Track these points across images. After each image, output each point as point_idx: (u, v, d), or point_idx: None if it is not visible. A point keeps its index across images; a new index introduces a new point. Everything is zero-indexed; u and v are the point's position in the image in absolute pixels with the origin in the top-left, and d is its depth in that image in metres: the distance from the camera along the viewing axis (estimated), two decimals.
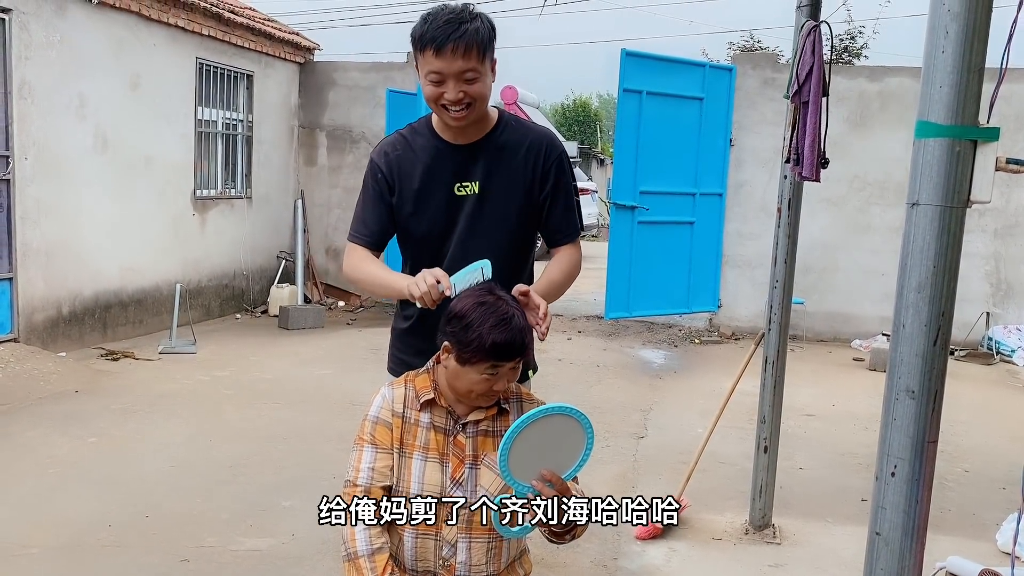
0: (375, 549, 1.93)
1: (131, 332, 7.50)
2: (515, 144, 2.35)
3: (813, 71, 3.22)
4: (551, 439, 1.82)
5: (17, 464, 4.42)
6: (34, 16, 6.21)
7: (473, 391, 1.96)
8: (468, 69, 2.15)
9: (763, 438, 3.92)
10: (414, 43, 2.20)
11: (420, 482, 1.99)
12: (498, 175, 2.33)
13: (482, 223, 2.33)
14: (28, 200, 6.29)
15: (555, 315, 9.63)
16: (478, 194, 2.32)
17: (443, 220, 2.34)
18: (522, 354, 1.94)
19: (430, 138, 2.35)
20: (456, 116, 2.21)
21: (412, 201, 2.35)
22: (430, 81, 2.19)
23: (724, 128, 8.48)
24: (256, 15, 9.38)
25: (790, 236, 3.75)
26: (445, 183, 2.33)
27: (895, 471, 1.59)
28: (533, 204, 2.38)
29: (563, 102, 36.71)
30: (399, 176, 2.35)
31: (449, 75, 2.15)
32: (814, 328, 8.66)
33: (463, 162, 2.32)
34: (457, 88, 2.16)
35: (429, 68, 2.17)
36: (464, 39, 2.12)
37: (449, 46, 2.11)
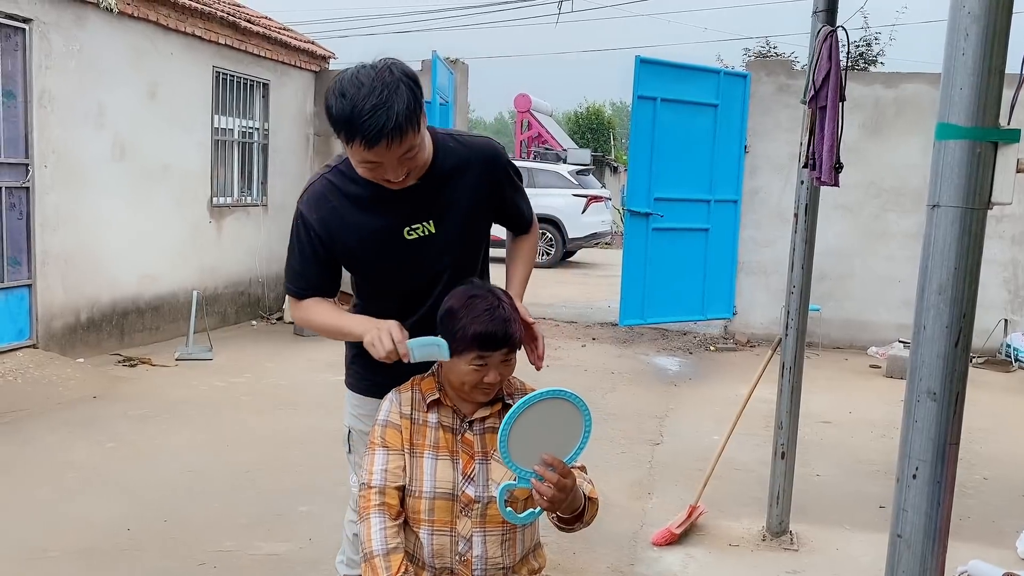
0: (390, 549, 1.96)
1: (148, 339, 7.54)
2: (461, 167, 2.16)
3: (830, 76, 3.22)
4: (550, 424, 1.85)
5: (36, 469, 4.45)
6: (54, 26, 6.28)
7: (465, 383, 2.01)
8: (407, 150, 1.94)
9: (780, 444, 3.90)
10: (333, 124, 1.92)
11: (432, 479, 2.02)
12: (452, 203, 2.17)
13: (450, 257, 2.22)
14: (47, 207, 6.35)
15: (569, 322, 9.64)
16: (435, 232, 2.16)
17: (398, 265, 2.19)
18: (508, 344, 1.97)
19: (364, 185, 2.08)
20: (398, 186, 2.04)
21: (356, 253, 2.18)
22: (364, 167, 1.98)
23: (739, 134, 8.48)
24: (272, 24, 9.45)
25: (807, 241, 3.74)
26: (392, 231, 2.14)
27: (916, 473, 1.59)
28: (491, 214, 2.31)
29: (576, 110, 36.76)
30: (334, 233, 2.14)
31: (389, 162, 1.94)
32: (830, 335, 8.62)
33: (410, 204, 2.11)
34: (399, 170, 1.98)
35: (361, 158, 1.95)
36: (398, 129, 1.86)
37: (383, 142, 1.87)
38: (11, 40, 5.98)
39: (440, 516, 2.02)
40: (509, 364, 2.02)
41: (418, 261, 2.19)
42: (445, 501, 2.02)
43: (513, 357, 2.03)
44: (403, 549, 1.98)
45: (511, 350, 2.00)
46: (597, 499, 2.04)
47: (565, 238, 15.46)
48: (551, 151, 20.97)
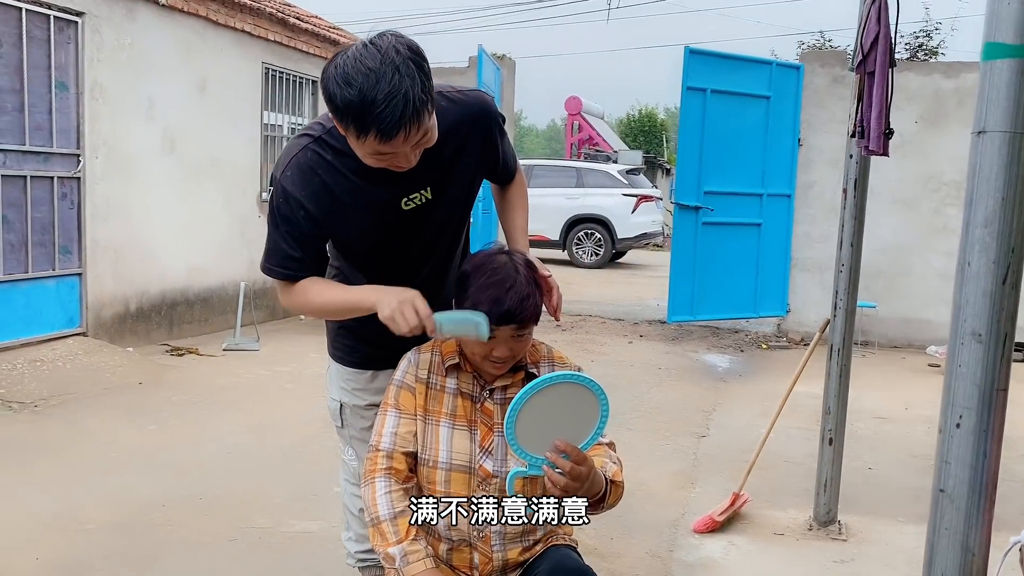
0: (397, 512, 1.87)
1: (196, 330, 7.63)
2: (455, 125, 1.99)
3: (879, 40, 3.08)
4: (563, 408, 1.69)
5: (78, 447, 4.51)
6: (106, 20, 6.40)
7: (475, 353, 1.90)
8: (423, 135, 1.77)
9: (828, 430, 3.75)
10: (341, 117, 1.71)
11: (448, 450, 1.93)
12: (451, 171, 2.03)
13: (442, 222, 2.11)
14: (98, 198, 6.46)
15: (616, 320, 9.50)
16: (431, 199, 2.02)
17: (394, 237, 2.05)
18: (518, 320, 1.84)
19: (356, 157, 1.86)
20: (406, 168, 1.86)
21: (350, 228, 2.01)
22: (377, 159, 1.80)
23: (792, 127, 8.27)
24: (322, 23, 9.53)
25: (856, 218, 3.59)
26: (389, 204, 1.99)
27: (960, 422, 1.47)
28: (483, 172, 2.19)
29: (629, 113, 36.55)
30: (326, 210, 1.95)
31: (403, 152, 1.77)
32: (887, 334, 8.35)
33: (407, 176, 1.92)
34: (412, 156, 1.81)
35: (375, 150, 1.75)
36: (416, 116, 1.68)
37: (401, 133, 1.69)
38: (64, 33, 6.11)
39: (456, 489, 1.93)
40: (522, 339, 1.89)
41: (415, 231, 2.06)
42: (461, 474, 1.93)
43: (527, 332, 1.90)
44: (410, 512, 1.90)
45: (522, 325, 1.86)
46: (622, 482, 1.89)
47: (614, 238, 15.29)
48: (601, 153, 20.84)
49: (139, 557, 3.27)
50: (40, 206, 6.01)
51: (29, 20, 5.80)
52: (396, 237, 2.05)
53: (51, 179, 6.08)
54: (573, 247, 15.48)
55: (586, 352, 7.80)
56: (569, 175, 15.87)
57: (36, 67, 5.89)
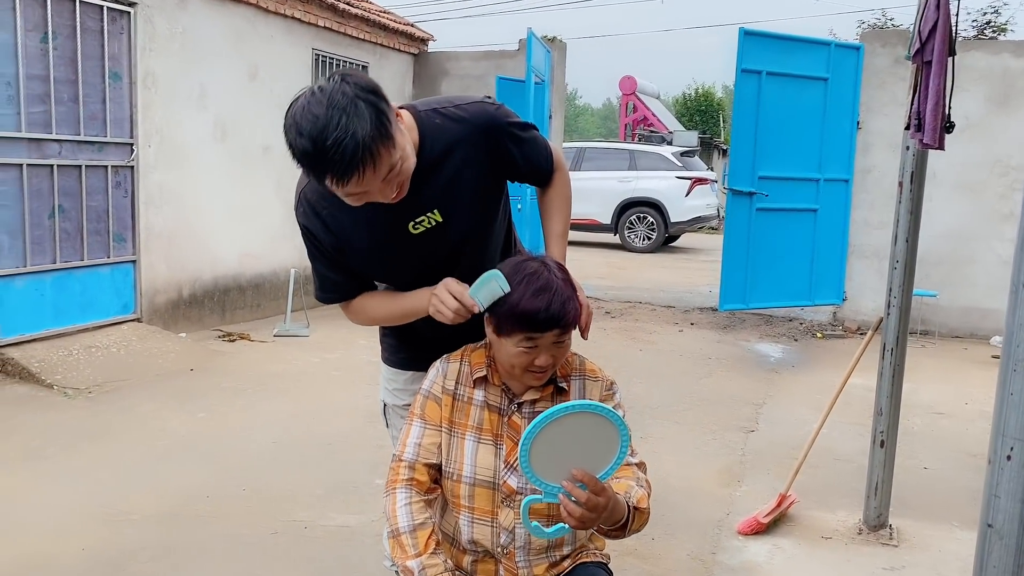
0: (417, 524, 1.83)
1: (248, 315, 7.73)
2: (453, 144, 1.94)
3: (938, 27, 2.93)
4: (581, 437, 1.62)
5: (129, 435, 4.59)
6: (158, 9, 6.47)
7: (514, 366, 1.83)
8: (388, 170, 1.71)
9: (880, 431, 3.62)
10: (300, 165, 1.72)
11: (473, 464, 1.89)
12: (455, 190, 1.96)
13: (463, 240, 2.05)
14: (151, 186, 6.57)
15: (667, 307, 9.37)
16: (443, 222, 1.97)
17: (409, 259, 2.02)
18: (562, 325, 1.79)
19: None
20: (398, 193, 1.83)
21: (364, 252, 2.00)
22: (351, 199, 1.77)
23: (851, 110, 8.00)
24: (372, 7, 9.51)
25: (912, 212, 3.44)
26: (395, 228, 1.96)
27: (1011, 454, 1.37)
28: (502, 181, 2.11)
29: (685, 92, 35.94)
30: (340, 238, 1.97)
31: (373, 188, 1.74)
32: (948, 324, 8.08)
33: (406, 200, 1.87)
34: (388, 190, 1.77)
35: (343, 193, 1.74)
36: (369, 154, 1.64)
37: (355, 175, 1.66)
38: (117, 23, 6.19)
39: (480, 504, 1.89)
40: (563, 346, 1.84)
41: (432, 251, 2.02)
42: (486, 489, 1.88)
43: (567, 338, 1.84)
44: (431, 525, 1.86)
45: (564, 331, 1.81)
46: (647, 508, 1.81)
47: (667, 222, 15.06)
48: (656, 133, 20.55)
49: (180, 550, 3.31)
50: (95, 195, 6.12)
51: (83, 11, 5.89)
52: (415, 257, 2.02)
53: (105, 168, 6.18)
54: (625, 231, 15.30)
55: (634, 340, 7.71)
56: (621, 158, 15.66)
57: (90, 58, 5.98)
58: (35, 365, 5.43)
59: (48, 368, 5.45)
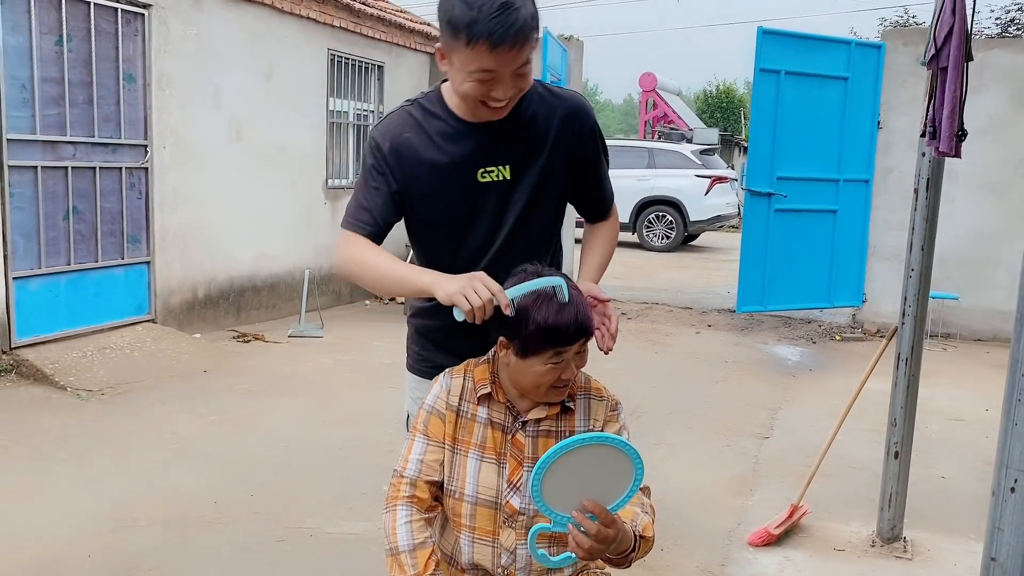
0: (417, 544, 1.80)
1: (263, 316, 7.75)
2: (546, 116, 2.02)
3: (953, 32, 2.86)
4: (594, 468, 1.58)
5: (140, 438, 4.60)
6: (172, 11, 6.48)
7: (540, 384, 1.79)
8: (523, 63, 1.82)
9: (894, 442, 3.55)
10: (455, 30, 1.77)
11: (475, 483, 1.85)
12: (531, 153, 2.01)
13: (516, 212, 2.03)
14: (166, 187, 6.59)
15: (684, 308, 9.30)
16: (510, 180, 2.01)
17: (466, 211, 2.02)
18: (585, 333, 1.76)
19: (446, 119, 1.98)
20: (499, 109, 1.90)
21: (425, 192, 2.01)
22: (476, 79, 1.82)
23: (871, 109, 7.89)
24: (387, 7, 9.50)
25: (928, 220, 3.37)
26: (466, 170, 1.99)
27: (1015, 486, 1.32)
28: (571, 178, 2.12)
29: (706, 88, 35.68)
30: (406, 165, 1.99)
31: (504, 73, 1.81)
32: (970, 326, 7.96)
33: (487, 144, 1.96)
34: (510, 86, 1.85)
35: (479, 65, 1.79)
36: (523, 31, 1.76)
37: (507, 43, 1.75)
38: (131, 25, 6.20)
39: (482, 524, 1.85)
40: (583, 354, 1.81)
41: (486, 210, 2.02)
42: (488, 509, 1.85)
43: (587, 346, 1.81)
44: (431, 544, 1.83)
45: (586, 339, 1.78)
46: (652, 537, 1.77)
47: (686, 221, 14.96)
48: (676, 130, 20.41)
49: (185, 557, 3.31)
50: (109, 196, 6.15)
51: (97, 14, 5.91)
52: (468, 211, 2.02)
53: (119, 170, 6.21)
54: (643, 230, 15.22)
55: (651, 343, 7.65)
56: (640, 156, 15.56)
57: (104, 60, 6.00)
58: (49, 366, 5.46)
59: (62, 369, 5.48)
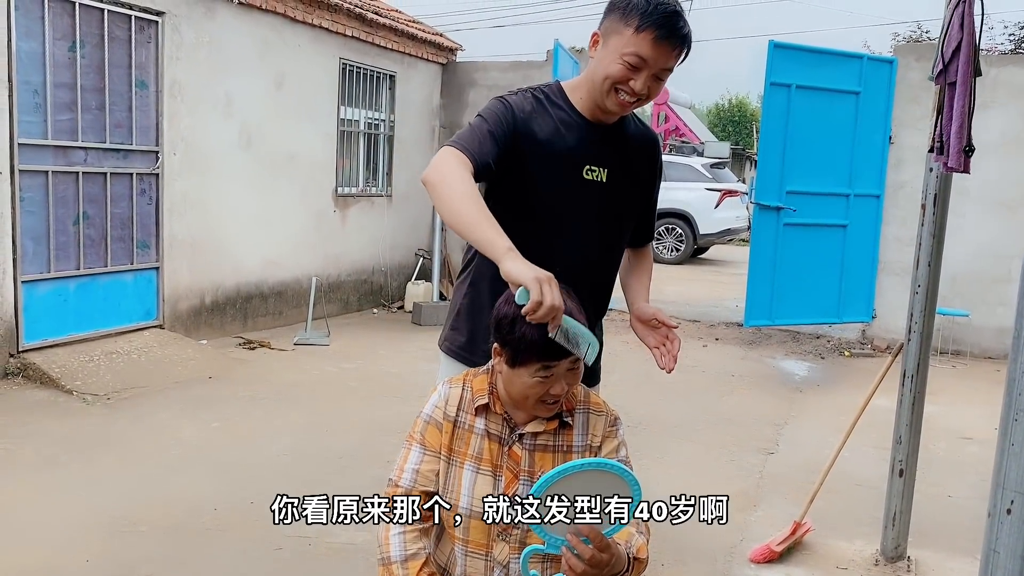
0: (409, 555, 1.79)
1: (270, 323, 7.76)
2: (639, 137, 2.24)
3: (961, 47, 2.84)
4: (590, 491, 1.56)
5: (143, 444, 4.61)
6: (185, 18, 6.52)
7: (528, 397, 1.77)
8: (668, 68, 2.01)
9: (898, 460, 3.52)
10: (628, 14, 1.95)
11: (470, 496, 1.83)
12: (626, 165, 2.19)
13: (604, 215, 2.17)
14: (175, 194, 6.62)
15: (692, 321, 9.27)
16: (605, 183, 2.14)
17: (569, 200, 2.13)
18: None
19: (567, 110, 2.13)
20: (624, 104, 2.04)
21: (540, 165, 2.08)
22: (626, 63, 1.96)
23: (883, 125, 7.85)
24: (401, 17, 9.53)
25: (935, 236, 3.34)
26: (576, 160, 2.12)
27: (1012, 508, 1.31)
28: (641, 202, 2.31)
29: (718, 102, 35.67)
30: (528, 127, 2.07)
31: (652, 68, 1.97)
32: (980, 344, 7.90)
33: (596, 143, 2.13)
34: (648, 82, 2.00)
35: (635, 50, 1.95)
36: (685, 40, 1.98)
37: (670, 41, 1.95)
38: (144, 32, 6.25)
39: (475, 537, 1.83)
40: (576, 372, 1.77)
41: (583, 205, 2.14)
42: (481, 522, 1.80)
43: (580, 364, 1.78)
44: (424, 555, 1.81)
45: (578, 357, 1.75)
46: (646, 559, 1.73)
47: (696, 233, 14.94)
48: (688, 144, 20.38)
49: (184, 564, 3.31)
50: (119, 202, 6.18)
51: (111, 20, 5.95)
52: (564, 202, 2.13)
53: (130, 175, 6.24)
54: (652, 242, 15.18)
55: None
56: None
57: (117, 66, 6.04)
58: (56, 370, 5.48)
59: (68, 373, 5.50)
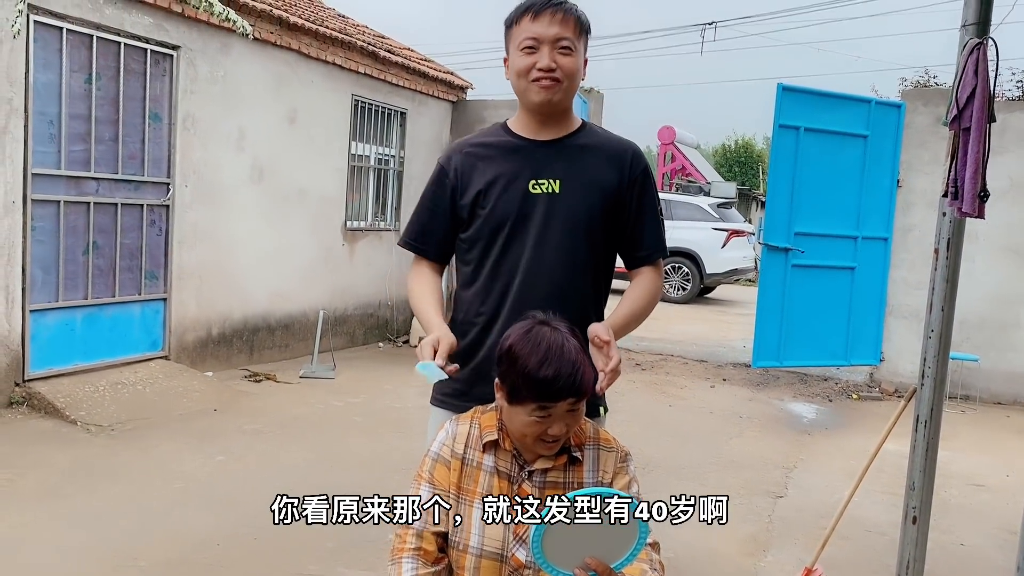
0: None
1: (276, 355, 7.74)
2: (598, 146, 2.24)
3: (976, 94, 2.84)
4: (597, 524, 1.56)
5: (146, 476, 4.56)
6: (200, 53, 6.59)
7: (526, 435, 1.75)
8: (563, 38, 2.11)
9: (912, 507, 3.46)
10: (509, 19, 2.17)
11: (480, 535, 1.80)
12: (580, 174, 2.19)
13: (559, 224, 2.17)
14: (186, 225, 6.63)
15: (699, 361, 9.22)
16: (558, 193, 2.17)
17: (514, 217, 2.17)
18: (575, 394, 1.71)
19: (506, 136, 2.25)
20: (544, 86, 2.12)
21: (481, 196, 2.20)
22: (523, 51, 2.13)
23: (891, 168, 7.87)
24: (413, 55, 9.63)
25: (949, 280, 3.32)
26: (520, 178, 2.18)
27: None
28: (615, 213, 2.23)
29: (724, 143, 35.87)
30: (468, 172, 2.22)
31: (544, 41, 2.10)
32: (990, 389, 7.83)
33: (541, 159, 2.19)
34: (551, 56, 2.11)
35: (524, 35, 2.12)
36: (563, 7, 2.12)
37: (548, 10, 2.10)
38: (160, 66, 6.31)
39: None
40: (575, 414, 1.76)
41: (533, 218, 2.17)
42: (492, 562, 1.79)
43: (581, 406, 1.77)
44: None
45: (578, 399, 1.74)
46: None
47: (703, 273, 14.93)
48: (694, 183, 20.47)
49: None
50: (129, 232, 6.20)
51: (127, 54, 6.02)
52: (518, 220, 2.17)
53: (141, 206, 6.27)
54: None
55: (664, 395, 7.57)
56: None
57: (131, 98, 6.10)
58: (60, 400, 5.46)
59: (73, 404, 5.47)
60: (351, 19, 9.65)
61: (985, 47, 2.91)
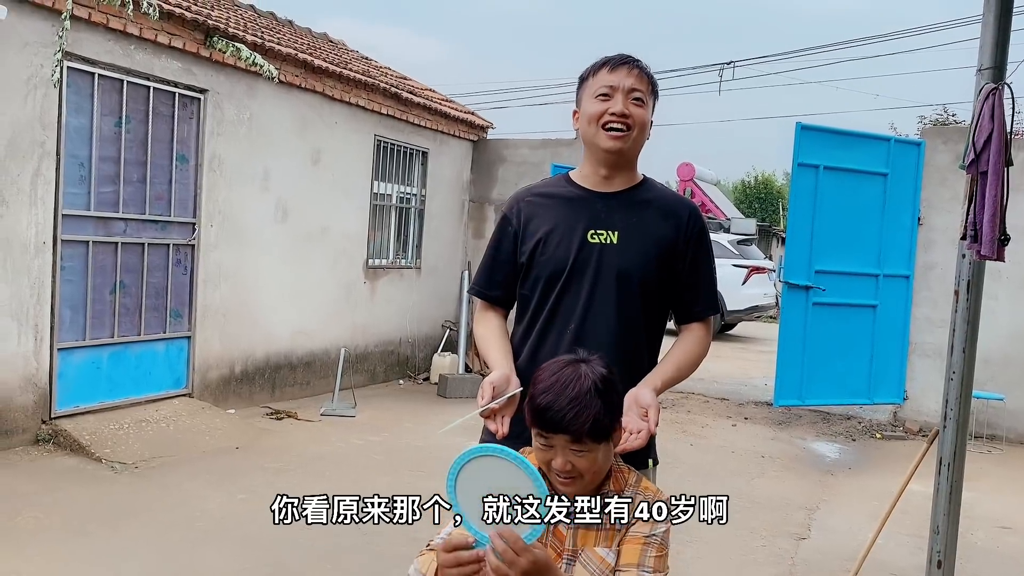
0: None
1: (298, 393, 7.79)
2: (659, 202, 2.30)
3: (992, 138, 2.87)
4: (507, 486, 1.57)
5: (168, 514, 4.60)
6: (227, 96, 6.73)
7: (539, 461, 1.78)
8: (637, 89, 2.20)
9: (936, 551, 3.42)
10: (585, 72, 2.27)
11: None
12: (639, 227, 2.25)
13: (614, 274, 2.22)
14: (211, 264, 6.73)
15: (721, 399, 9.16)
16: (616, 244, 2.23)
17: (571, 264, 2.23)
18: (565, 431, 1.72)
19: (567, 186, 2.33)
20: (615, 136, 2.19)
21: (541, 243, 2.27)
22: (598, 98, 2.21)
23: (911, 206, 7.86)
24: (434, 95, 9.78)
25: (969, 322, 3.31)
26: (579, 227, 2.25)
27: None
28: (669, 267, 2.27)
29: (744, 179, 35.89)
30: (529, 220, 2.31)
31: (620, 89, 2.19)
32: (1016, 428, 7.73)
33: (602, 209, 2.25)
34: (625, 103, 2.18)
35: (600, 84, 2.21)
36: (639, 64, 2.24)
37: (625, 64, 2.22)
38: (187, 109, 6.46)
39: None
40: (581, 456, 1.74)
41: (591, 270, 2.22)
42: None
43: (588, 449, 1.74)
44: None
45: (575, 440, 1.72)
46: None
47: (723, 310, 14.89)
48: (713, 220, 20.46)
49: None
50: (155, 272, 6.30)
51: (156, 97, 6.17)
52: (575, 268, 2.23)
53: (167, 246, 6.38)
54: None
55: (686, 434, 7.53)
56: None
57: (159, 140, 6.23)
58: (86, 437, 5.52)
59: (98, 441, 5.53)
60: (374, 60, 9.84)
61: (1001, 92, 2.94)
